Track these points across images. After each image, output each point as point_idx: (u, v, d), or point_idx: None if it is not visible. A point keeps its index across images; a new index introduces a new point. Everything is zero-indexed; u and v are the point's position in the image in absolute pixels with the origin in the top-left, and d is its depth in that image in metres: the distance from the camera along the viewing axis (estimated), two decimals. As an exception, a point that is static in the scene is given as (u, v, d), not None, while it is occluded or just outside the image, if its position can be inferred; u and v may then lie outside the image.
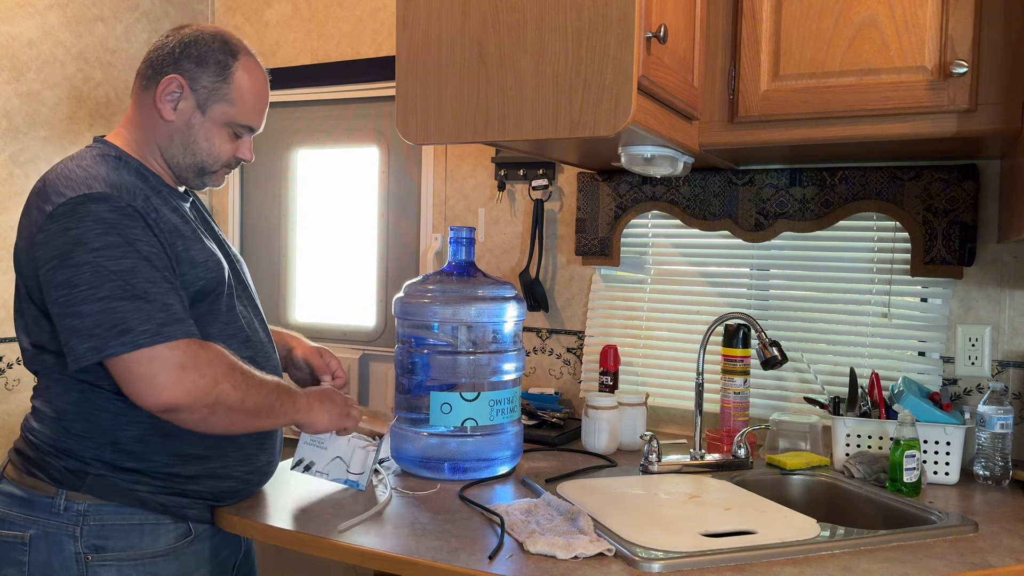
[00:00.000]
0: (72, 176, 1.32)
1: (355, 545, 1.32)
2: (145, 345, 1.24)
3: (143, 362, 1.24)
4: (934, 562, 1.28)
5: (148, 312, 1.25)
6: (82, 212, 1.28)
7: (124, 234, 1.28)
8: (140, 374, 1.25)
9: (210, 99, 1.42)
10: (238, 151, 1.49)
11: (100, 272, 1.25)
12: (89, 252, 1.26)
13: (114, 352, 1.24)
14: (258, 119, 1.49)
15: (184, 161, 1.45)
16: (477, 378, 1.67)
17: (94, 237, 1.26)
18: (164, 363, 1.25)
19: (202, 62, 1.41)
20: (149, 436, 1.36)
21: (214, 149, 1.45)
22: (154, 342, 1.25)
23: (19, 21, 2.41)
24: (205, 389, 1.28)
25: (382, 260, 2.70)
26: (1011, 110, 1.51)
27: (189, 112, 1.42)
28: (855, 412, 1.80)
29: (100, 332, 1.24)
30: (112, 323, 1.24)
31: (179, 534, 1.41)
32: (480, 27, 1.52)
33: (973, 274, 1.93)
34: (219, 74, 1.42)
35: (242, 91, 1.44)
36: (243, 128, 1.47)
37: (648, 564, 1.23)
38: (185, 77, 1.41)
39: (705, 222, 2.16)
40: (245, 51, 1.46)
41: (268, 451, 1.52)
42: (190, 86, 1.41)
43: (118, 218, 1.29)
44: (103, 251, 1.26)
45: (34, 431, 1.39)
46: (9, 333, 2.42)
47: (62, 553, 1.34)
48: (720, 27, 1.73)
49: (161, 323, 1.26)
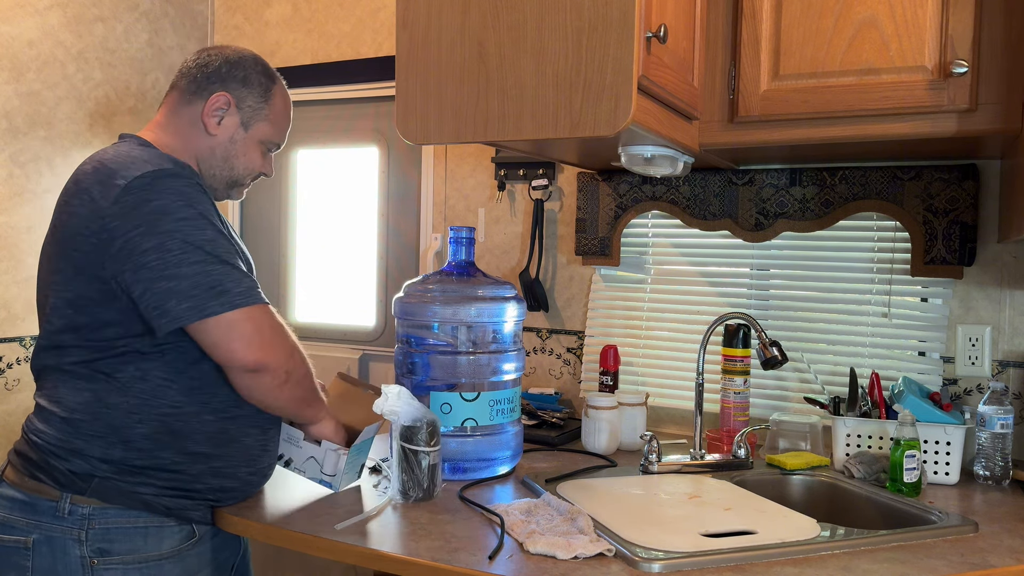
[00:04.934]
0: (134, 156, 1.38)
1: (355, 545, 1.32)
2: (242, 305, 1.33)
3: (240, 322, 1.33)
4: (934, 562, 1.28)
5: (237, 277, 1.35)
6: (160, 185, 1.34)
7: (200, 208, 1.36)
8: (240, 333, 1.33)
9: (254, 118, 1.52)
10: (263, 167, 1.59)
11: (189, 240, 1.32)
12: (175, 221, 1.32)
13: (214, 312, 1.31)
14: (285, 136, 1.61)
15: (221, 173, 1.53)
16: (477, 378, 1.67)
17: (178, 208, 1.33)
18: (260, 323, 1.35)
19: (247, 83, 1.52)
20: (160, 433, 1.37)
21: (249, 164, 1.55)
22: (249, 303, 1.34)
23: (19, 21, 2.41)
24: (288, 354, 1.39)
25: (382, 260, 2.70)
26: (1011, 110, 1.51)
27: (232, 128, 1.51)
28: (855, 412, 1.80)
29: (198, 293, 1.31)
30: (209, 284, 1.31)
31: (183, 536, 1.41)
32: (480, 27, 1.52)
33: (973, 274, 1.92)
34: (262, 96, 1.53)
35: (278, 112, 1.56)
36: (275, 146, 1.58)
37: (648, 564, 1.23)
38: (233, 95, 1.50)
39: (705, 222, 2.16)
40: (278, 77, 1.58)
41: (271, 453, 1.53)
42: (236, 104, 1.51)
43: (194, 193, 1.37)
44: (187, 221, 1.33)
45: (39, 432, 1.39)
46: (9, 333, 2.42)
47: (67, 558, 1.34)
48: (720, 27, 1.73)
49: (250, 287, 1.36)
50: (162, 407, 1.37)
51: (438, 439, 1.53)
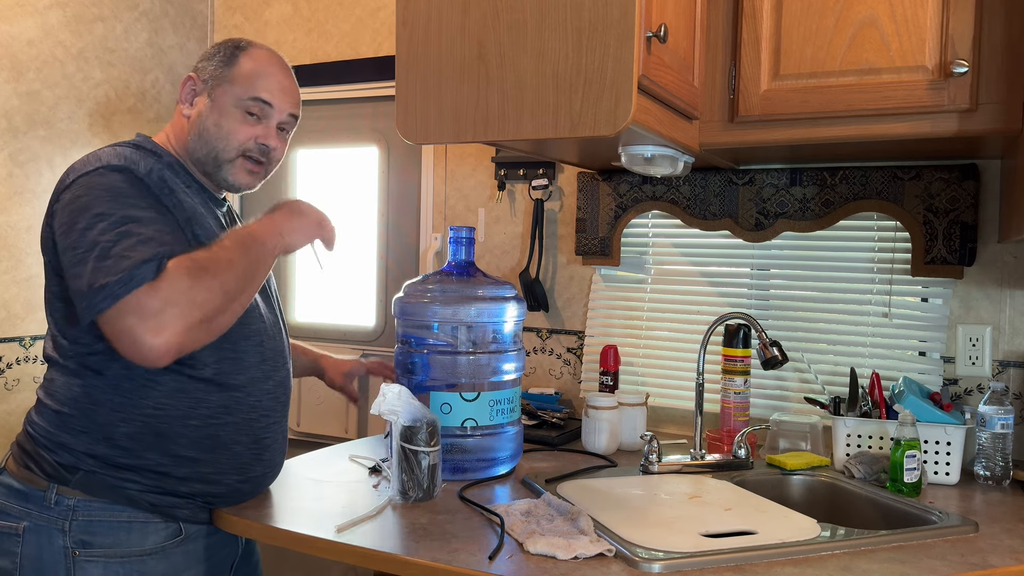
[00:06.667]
0: (99, 154, 1.39)
1: (355, 545, 1.31)
2: (122, 295, 1.20)
3: (126, 313, 1.21)
4: (934, 562, 1.28)
5: (117, 264, 1.22)
6: (89, 182, 1.32)
7: (130, 201, 1.30)
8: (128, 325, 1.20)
9: (214, 84, 1.47)
10: (259, 136, 1.48)
11: (92, 237, 1.26)
12: (91, 217, 1.28)
13: (101, 308, 1.21)
14: (268, 92, 1.47)
15: (202, 154, 1.47)
16: (477, 378, 1.67)
17: (96, 203, 1.29)
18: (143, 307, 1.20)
19: (211, 56, 1.49)
20: (143, 434, 1.36)
21: (223, 132, 1.45)
22: (128, 290, 1.20)
23: (19, 21, 2.41)
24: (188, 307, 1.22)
25: (382, 260, 2.70)
26: (1011, 110, 1.51)
27: (201, 104, 1.47)
28: (856, 412, 1.80)
29: (87, 291, 1.22)
30: (91, 281, 1.22)
31: (168, 534, 1.41)
32: (480, 26, 1.52)
33: (973, 274, 1.92)
34: (224, 61, 1.48)
35: (246, 70, 1.47)
36: (252, 103, 1.46)
37: (648, 564, 1.23)
38: (196, 72, 1.49)
39: (705, 222, 2.16)
40: (259, 46, 1.52)
41: (265, 462, 1.51)
42: (199, 78, 1.48)
43: (126, 187, 1.32)
44: (101, 216, 1.28)
45: (34, 424, 1.41)
46: (9, 333, 2.42)
47: (51, 547, 1.35)
48: (720, 26, 1.73)
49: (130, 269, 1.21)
50: (146, 407, 1.36)
51: (438, 439, 1.53)
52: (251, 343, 1.45)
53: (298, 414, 2.73)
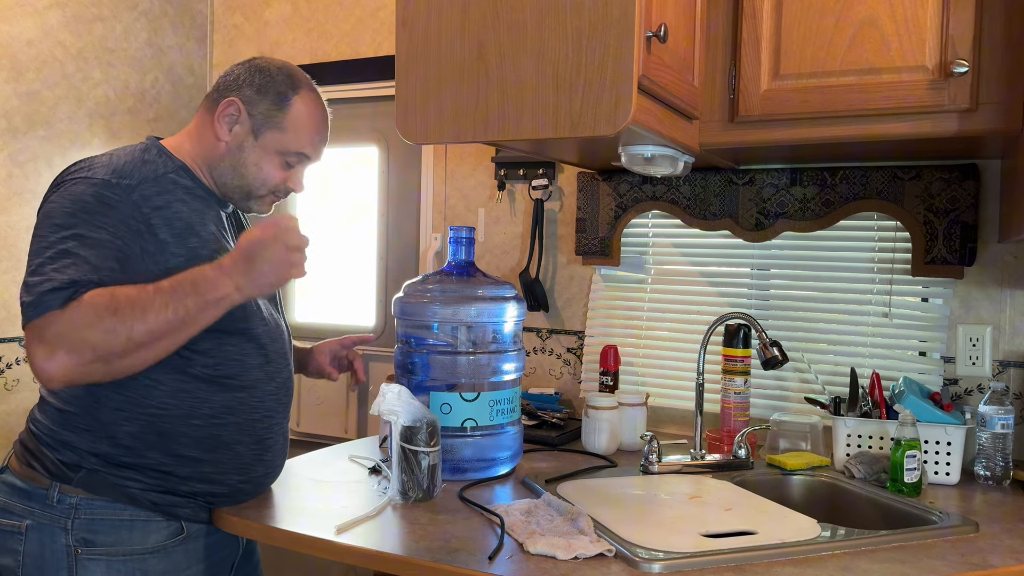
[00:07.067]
0: (84, 162, 1.37)
1: (355, 545, 1.31)
2: (33, 317, 1.21)
3: (29, 339, 1.22)
4: (934, 562, 1.28)
5: (43, 282, 1.22)
6: (65, 190, 1.32)
7: (83, 217, 1.28)
8: (31, 351, 1.21)
9: (264, 126, 1.44)
10: (288, 180, 1.50)
11: (43, 244, 1.27)
12: (50, 225, 1.28)
13: (23, 324, 1.22)
14: (312, 148, 1.50)
15: (231, 182, 1.47)
16: (477, 378, 1.66)
17: (62, 212, 1.29)
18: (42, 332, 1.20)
19: (262, 90, 1.44)
20: (147, 433, 1.37)
21: (262, 174, 1.47)
22: (38, 313, 1.20)
23: (19, 21, 2.41)
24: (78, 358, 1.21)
25: (382, 260, 2.70)
26: (1012, 110, 1.51)
27: (242, 136, 1.45)
28: (856, 412, 1.80)
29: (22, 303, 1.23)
30: (24, 293, 1.24)
31: (170, 532, 1.41)
32: (480, 26, 1.52)
33: (974, 274, 1.92)
34: (276, 103, 1.44)
35: (297, 121, 1.46)
36: (294, 156, 1.48)
37: (648, 564, 1.23)
38: (244, 102, 1.44)
39: (705, 222, 2.16)
40: (308, 86, 1.49)
41: (267, 463, 1.51)
42: (247, 111, 1.44)
43: (93, 204, 1.30)
44: (59, 227, 1.27)
45: (37, 422, 1.41)
46: (9, 333, 2.42)
47: (54, 545, 1.35)
48: (720, 26, 1.73)
49: (48, 288, 1.21)
50: (149, 407, 1.36)
51: (438, 439, 1.53)
52: (254, 345, 1.45)
53: (298, 414, 2.73)
